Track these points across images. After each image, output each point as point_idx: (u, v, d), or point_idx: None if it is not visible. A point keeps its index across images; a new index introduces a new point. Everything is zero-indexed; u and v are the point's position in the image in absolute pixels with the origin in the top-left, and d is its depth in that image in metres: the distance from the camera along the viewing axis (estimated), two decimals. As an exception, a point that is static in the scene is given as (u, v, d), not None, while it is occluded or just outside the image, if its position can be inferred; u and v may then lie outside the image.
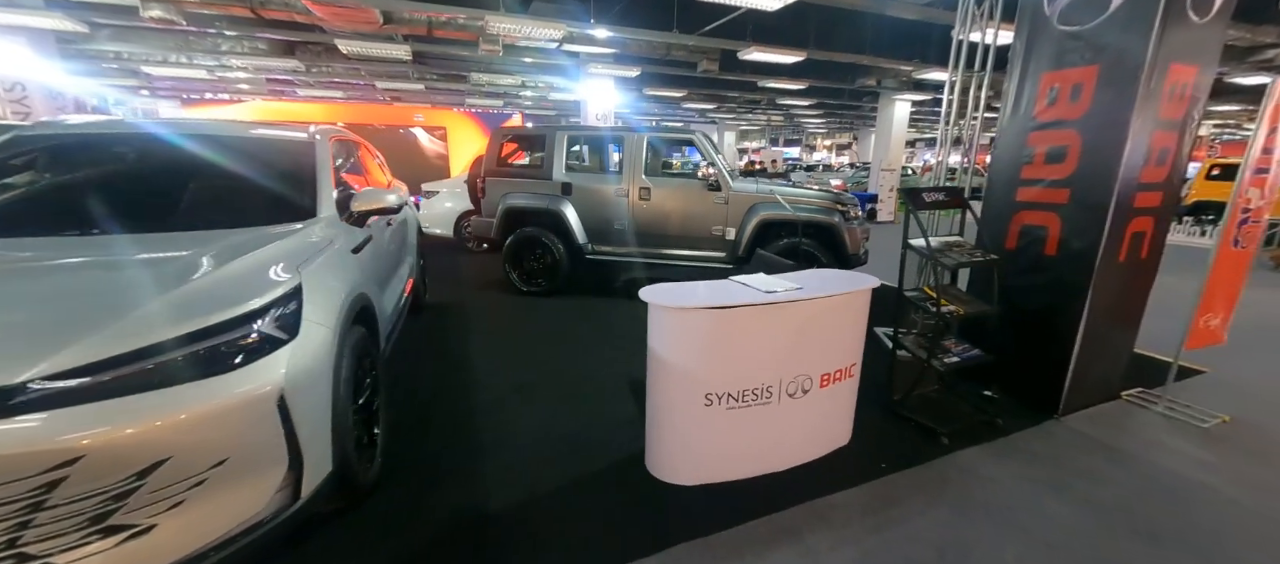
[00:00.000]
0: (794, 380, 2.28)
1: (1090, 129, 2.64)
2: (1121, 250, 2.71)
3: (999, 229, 3.06)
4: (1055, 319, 2.84)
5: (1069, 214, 2.75)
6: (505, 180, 5.38)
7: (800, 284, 2.33)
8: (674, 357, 2.14)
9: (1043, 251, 2.86)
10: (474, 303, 5.15)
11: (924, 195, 2.74)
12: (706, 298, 2.11)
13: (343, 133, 3.42)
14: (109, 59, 11.47)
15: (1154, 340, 3.46)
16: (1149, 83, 2.44)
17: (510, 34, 8.60)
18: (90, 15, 8.04)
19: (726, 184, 4.87)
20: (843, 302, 2.34)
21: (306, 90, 15.73)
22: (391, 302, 3.02)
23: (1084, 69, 2.63)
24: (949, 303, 2.72)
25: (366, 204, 2.57)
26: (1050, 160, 2.81)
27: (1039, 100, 2.85)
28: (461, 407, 2.95)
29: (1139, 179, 2.61)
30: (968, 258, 2.67)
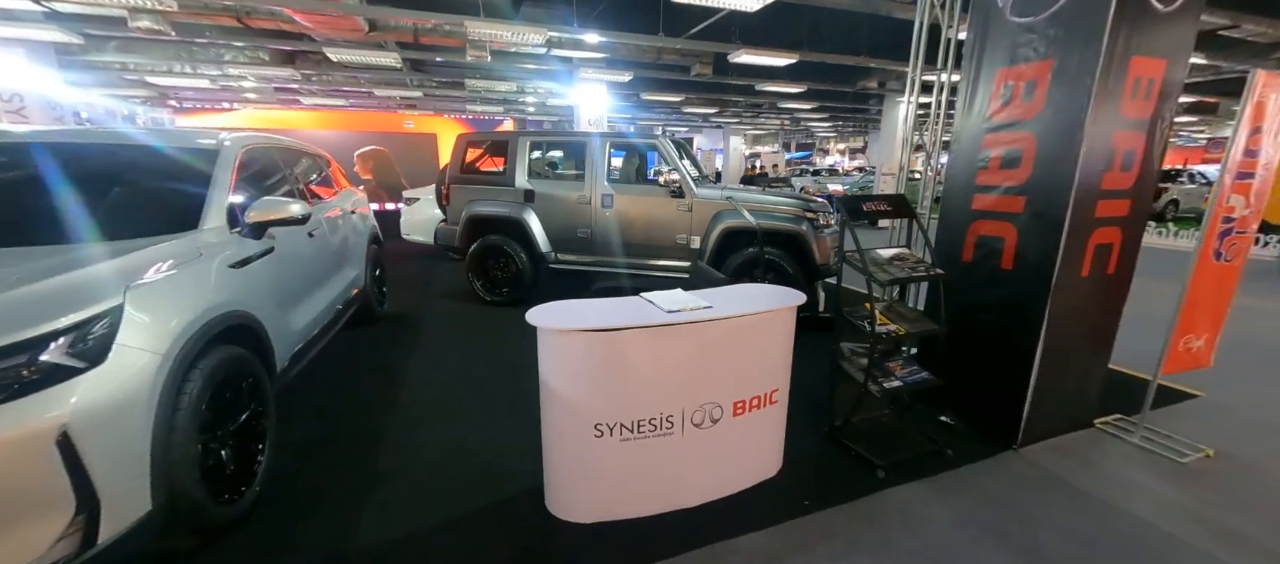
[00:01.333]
0: (699, 409, 2.07)
1: (1045, 130, 2.38)
2: (1084, 264, 2.44)
3: (955, 240, 2.81)
4: (1012, 339, 2.58)
5: (1025, 224, 2.50)
6: (469, 187, 5.27)
7: (711, 302, 2.13)
8: (560, 384, 1.95)
9: (999, 265, 2.61)
10: (434, 313, 5.03)
11: (863, 204, 2.51)
12: (592, 319, 1.93)
13: (274, 140, 3.32)
14: (114, 69, 11.73)
15: (1141, 357, 3.17)
16: (1106, 79, 2.18)
17: (497, 39, 8.55)
18: (84, 27, 8.19)
19: (690, 191, 4.67)
20: (757, 321, 2.12)
21: (310, 98, 15.96)
22: (307, 316, 2.89)
23: (1038, 64, 2.39)
24: (890, 321, 2.48)
25: (263, 214, 2.44)
26: (1006, 165, 2.56)
27: (993, 99, 2.60)
28: (374, 428, 2.81)
29: (1100, 185, 2.34)
30: (908, 272, 2.43)
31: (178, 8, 6.75)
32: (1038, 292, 2.43)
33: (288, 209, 2.53)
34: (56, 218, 2.07)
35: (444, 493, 2.27)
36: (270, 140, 3.23)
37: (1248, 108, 2.27)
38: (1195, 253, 2.45)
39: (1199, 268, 2.47)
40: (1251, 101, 2.26)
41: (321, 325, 3.13)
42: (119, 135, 2.70)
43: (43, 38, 8.17)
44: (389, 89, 14.32)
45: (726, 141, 23.65)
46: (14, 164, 2.31)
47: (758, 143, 32.72)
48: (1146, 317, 3.12)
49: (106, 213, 2.15)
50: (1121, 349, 2.82)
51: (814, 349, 3.05)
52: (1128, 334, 2.79)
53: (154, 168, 2.35)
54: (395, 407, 3.04)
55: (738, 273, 4.50)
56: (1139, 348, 3.09)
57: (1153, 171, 2.47)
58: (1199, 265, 2.47)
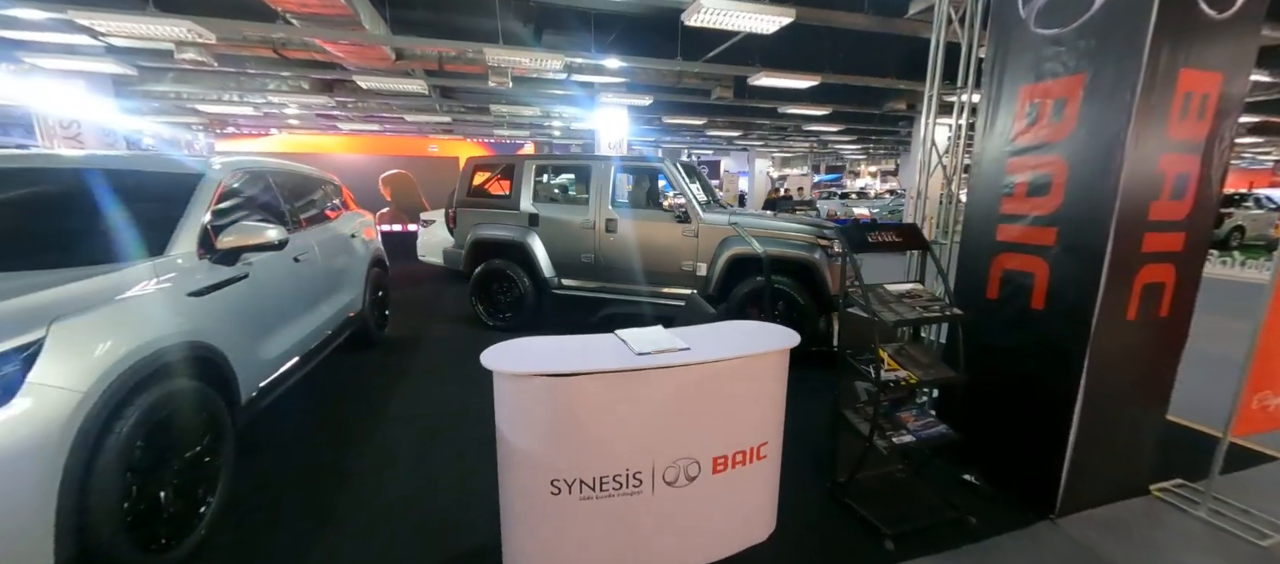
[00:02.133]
0: (672, 465, 1.84)
1: (1078, 154, 2.09)
2: (1130, 306, 2.11)
3: (978, 273, 2.51)
4: (1046, 389, 2.24)
5: (1057, 259, 2.19)
6: (475, 211, 5.23)
7: (691, 343, 1.91)
8: (514, 433, 1.76)
9: (1028, 304, 2.29)
10: (434, 337, 4.95)
11: (868, 235, 2.26)
12: (549, 362, 1.74)
13: (270, 165, 3.33)
14: (170, 98, 12.52)
15: (1207, 405, 2.74)
16: (1149, 95, 1.90)
17: (518, 66, 8.69)
18: (137, 60, 8.75)
19: (696, 215, 4.47)
20: (742, 367, 1.89)
21: (348, 124, 16.68)
22: (285, 343, 2.81)
23: (1067, 80, 2.11)
24: (900, 366, 2.20)
25: (236, 240, 2.38)
26: (1033, 192, 2.27)
27: (1017, 120, 2.33)
28: (342, 464, 2.67)
29: (1146, 216, 2.03)
30: (919, 313, 2.15)
31: (216, 41, 7.09)
32: (1075, 336, 2.10)
33: (263, 235, 2.47)
34: (12, 243, 2.04)
35: (399, 545, 2.09)
36: (266, 165, 3.23)
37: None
38: (1269, 293, 2.08)
39: (1275, 312, 2.10)
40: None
41: (305, 351, 3.05)
42: (94, 160, 2.71)
43: (101, 70, 8.77)
44: (420, 115, 14.81)
45: (752, 164, 23.42)
46: None
47: (787, 165, 32.38)
48: (1212, 358, 2.72)
49: (56, 241, 2.11)
50: (1183, 396, 2.43)
51: (827, 387, 2.77)
52: (1191, 377, 2.40)
53: (126, 194, 2.32)
54: (369, 441, 2.91)
55: (745, 303, 4.25)
56: (1204, 395, 2.68)
57: (1212, 200, 2.13)
58: (1275, 309, 2.09)
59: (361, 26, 6.86)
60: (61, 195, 2.36)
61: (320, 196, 3.85)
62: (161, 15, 6.18)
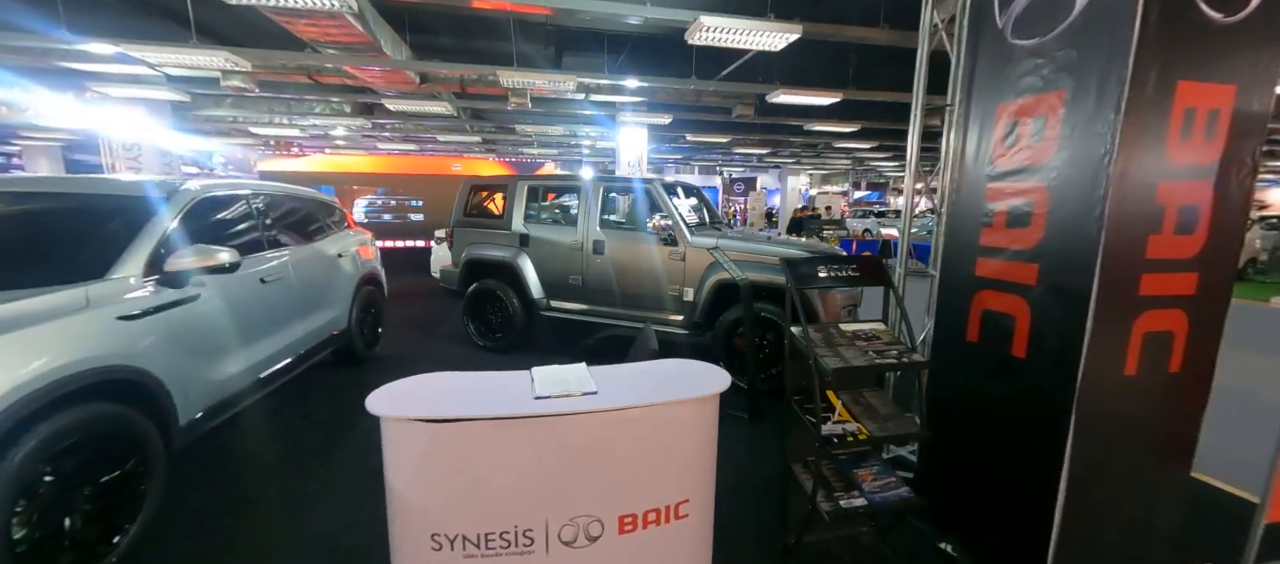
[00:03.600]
0: (571, 523, 1.67)
1: (1059, 181, 1.81)
2: (1128, 359, 1.78)
3: (957, 313, 2.22)
4: (1030, 451, 1.93)
5: (1039, 300, 1.89)
6: (470, 230, 5.26)
7: (603, 386, 1.75)
8: (397, 480, 1.64)
9: (1009, 351, 1.99)
10: (424, 356, 4.96)
11: (818, 268, 2.03)
12: (435, 405, 1.62)
13: (250, 186, 3.42)
14: (228, 121, 13.50)
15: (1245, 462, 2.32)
16: (1139, 112, 1.61)
17: (536, 87, 8.84)
18: (190, 87, 9.47)
19: (683, 238, 4.30)
20: (656, 414, 1.71)
21: (387, 144, 17.52)
22: (242, 363, 2.83)
23: (1046, 96, 1.84)
24: (852, 417, 1.94)
25: (183, 262, 2.42)
26: (1013, 223, 1.99)
27: (995, 142, 2.06)
28: (284, 495, 2.63)
29: (1143, 254, 1.72)
30: (871, 359, 1.90)
31: (252, 68, 7.56)
32: (1059, 391, 1.80)
33: (213, 257, 2.50)
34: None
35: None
36: (241, 187, 3.31)
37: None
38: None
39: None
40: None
41: (270, 370, 3.07)
42: (51, 183, 2.82)
43: (159, 97, 9.54)
44: (453, 135, 15.36)
45: (783, 182, 22.95)
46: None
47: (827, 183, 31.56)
48: (1254, 401, 2.29)
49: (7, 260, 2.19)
50: (1218, 448, 2.05)
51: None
52: (1228, 422, 2.02)
53: (78, 218, 2.40)
54: (319, 470, 2.87)
55: (731, 332, 4.02)
56: (1246, 446, 2.26)
57: (1232, 235, 1.79)
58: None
59: (382, 53, 7.16)
60: (30, 217, 2.47)
61: (305, 217, 3.94)
62: (202, 47, 6.65)
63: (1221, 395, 1.93)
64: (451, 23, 8.16)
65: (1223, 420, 1.94)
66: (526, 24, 7.88)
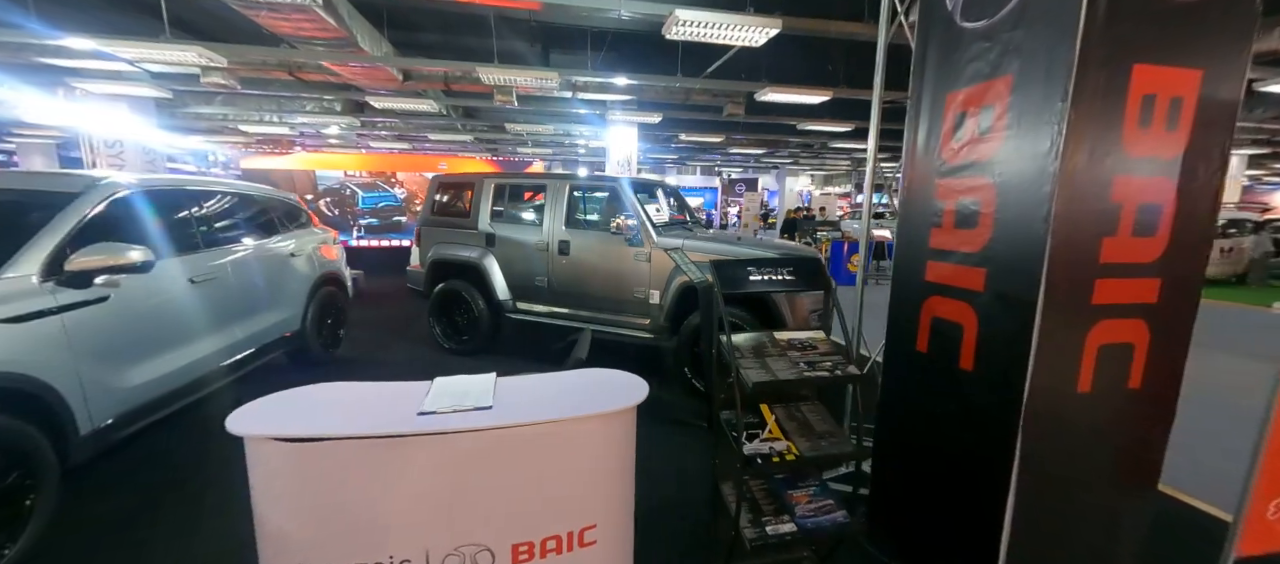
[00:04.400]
0: (455, 553, 1.51)
1: (1006, 176, 1.64)
2: (1082, 373, 1.61)
3: (908, 320, 2.04)
4: (976, 471, 1.76)
5: (986, 308, 1.72)
6: (437, 229, 5.11)
7: (505, 399, 1.60)
8: (263, 504, 1.49)
9: (957, 363, 1.82)
10: (387, 359, 4.82)
11: (748, 272, 1.87)
12: (296, 423, 1.46)
13: (187, 182, 3.29)
14: (217, 119, 13.43)
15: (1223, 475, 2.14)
16: (1089, 98, 1.44)
17: (523, 85, 8.70)
18: (172, 84, 9.38)
19: (648, 238, 4.14)
20: (557, 432, 1.55)
21: (380, 143, 17.43)
22: (163, 368, 2.68)
23: (993, 83, 1.67)
24: (783, 434, 1.78)
25: (88, 262, 2.28)
26: (961, 223, 1.82)
27: (944, 134, 1.89)
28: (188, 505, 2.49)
29: (1096, 258, 1.54)
30: (799, 373, 1.73)
31: (229, 64, 7.45)
32: (1004, 408, 1.62)
33: (122, 256, 2.36)
34: None
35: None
36: (173, 184, 3.17)
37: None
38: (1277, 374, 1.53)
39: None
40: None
41: (200, 374, 2.93)
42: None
43: (140, 94, 9.45)
44: (444, 135, 15.26)
45: (782, 183, 22.77)
46: None
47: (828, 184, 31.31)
48: (1236, 411, 2.11)
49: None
50: (1191, 460, 1.87)
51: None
52: (1204, 430, 1.84)
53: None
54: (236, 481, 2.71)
55: (696, 337, 3.86)
56: (1221, 459, 2.08)
57: (1199, 237, 1.61)
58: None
59: (360, 48, 7.02)
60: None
61: (253, 215, 3.80)
62: (176, 43, 6.53)
63: (1211, 406, 1.75)
64: (435, 19, 8.03)
65: (1194, 426, 1.76)
66: (511, 21, 7.74)
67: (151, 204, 2.90)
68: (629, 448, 1.69)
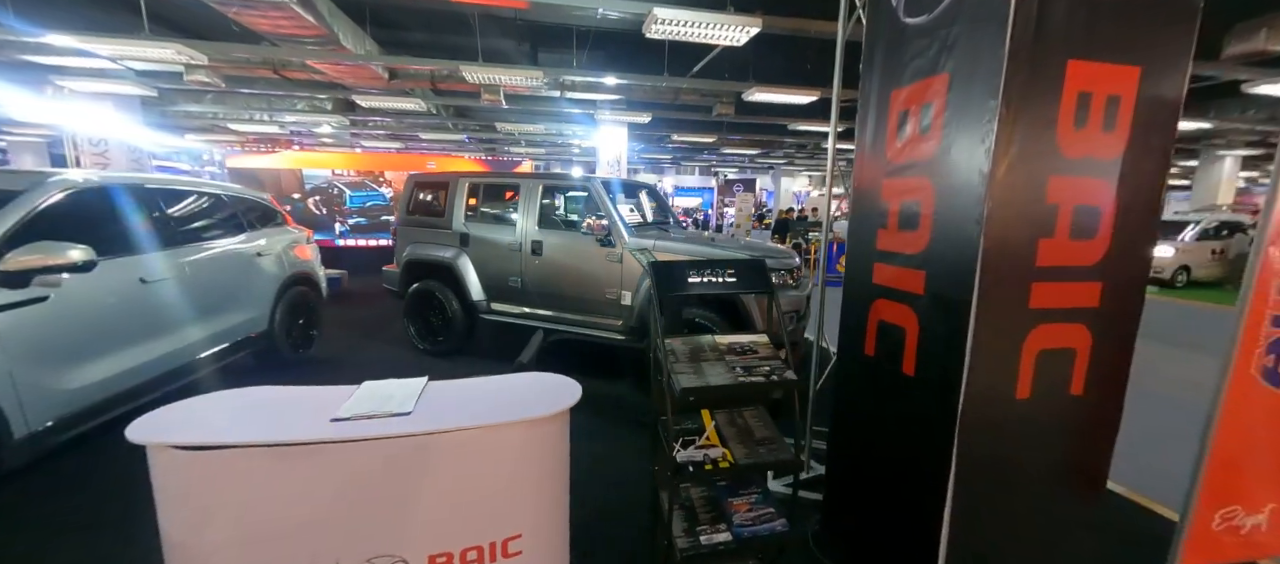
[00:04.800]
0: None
1: (943, 176, 1.59)
2: (1020, 380, 1.56)
3: (857, 323, 2.00)
4: (917, 480, 1.71)
5: (926, 311, 1.67)
6: (413, 229, 5.06)
7: (430, 404, 1.55)
8: (164, 514, 1.44)
9: (900, 367, 1.78)
10: (363, 360, 4.77)
11: (688, 273, 1.82)
12: (199, 430, 1.41)
13: (149, 183, 3.24)
14: (207, 118, 13.38)
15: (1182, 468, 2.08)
16: (1021, 96, 1.39)
17: (509, 84, 8.65)
18: (157, 82, 9.32)
19: (620, 238, 4.09)
20: (481, 438, 1.50)
21: (372, 142, 17.38)
22: (108, 370, 2.63)
23: (933, 80, 1.62)
24: (720, 440, 1.73)
25: (24, 261, 2.23)
26: (904, 224, 1.77)
27: (890, 133, 1.84)
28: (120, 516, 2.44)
29: (1033, 260, 1.50)
30: (735, 379, 1.68)
31: (209, 61, 7.39)
32: (943, 415, 1.58)
33: (62, 255, 2.31)
34: None
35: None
36: (127, 183, 3.11)
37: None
38: (1225, 371, 1.48)
39: (1235, 396, 1.49)
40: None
41: (148, 378, 2.88)
42: None
43: (124, 92, 9.39)
44: (436, 134, 15.21)
45: (777, 184, 22.75)
46: None
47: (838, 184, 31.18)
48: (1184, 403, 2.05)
49: None
50: (1146, 455, 1.81)
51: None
52: (1158, 421, 1.79)
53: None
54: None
55: None
56: (1174, 453, 2.03)
57: (1141, 239, 1.56)
58: (1235, 392, 1.49)
59: (342, 46, 6.97)
60: None
61: (216, 214, 3.75)
62: (154, 39, 6.48)
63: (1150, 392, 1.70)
64: (420, 18, 8.00)
65: (1149, 414, 1.71)
66: (498, 19, 7.70)
67: (104, 202, 2.85)
68: (560, 454, 1.65)
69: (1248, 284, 1.42)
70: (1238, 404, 1.49)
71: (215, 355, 3.43)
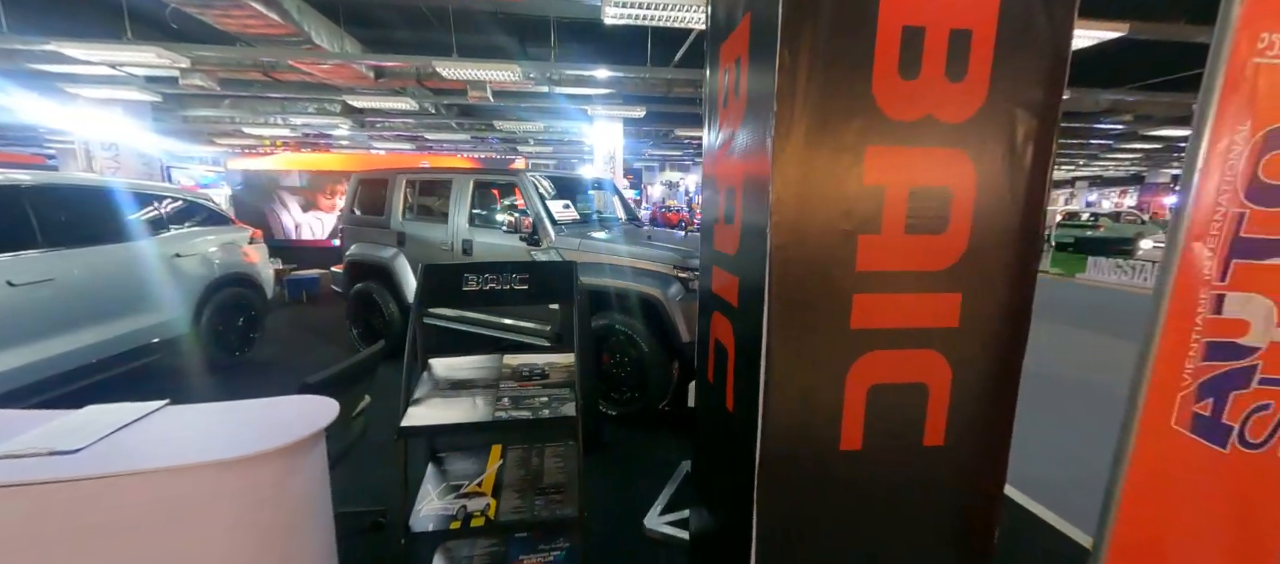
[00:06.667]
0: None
1: (746, 149, 1.20)
2: (846, 424, 1.15)
3: (702, 341, 1.62)
4: (730, 523, 1.32)
5: (740, 329, 1.28)
6: (357, 228, 4.90)
7: (135, 437, 1.29)
8: None
9: (724, 401, 1.39)
10: (297, 363, 4.63)
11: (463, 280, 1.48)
12: None
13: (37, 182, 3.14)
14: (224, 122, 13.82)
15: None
16: (810, 34, 0.99)
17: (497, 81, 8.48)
18: (161, 87, 9.60)
19: (547, 237, 3.77)
20: (156, 486, 1.21)
21: (383, 143, 17.68)
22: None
23: (741, 25, 1.23)
24: (494, 488, 1.39)
25: None
26: (727, 217, 1.38)
27: (718, 97, 1.45)
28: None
29: (853, 265, 1.09)
30: (496, 411, 1.33)
31: (189, 64, 7.49)
32: (745, 464, 1.19)
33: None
34: None
35: None
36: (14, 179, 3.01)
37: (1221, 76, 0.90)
38: (1130, 425, 1.04)
39: (1150, 458, 1.04)
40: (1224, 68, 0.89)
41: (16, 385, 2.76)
42: None
43: (129, 97, 9.70)
44: (439, 133, 15.29)
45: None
46: None
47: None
48: None
49: None
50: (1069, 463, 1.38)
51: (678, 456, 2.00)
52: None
53: None
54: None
55: (599, 349, 3.47)
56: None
57: (1022, 233, 1.12)
58: (1149, 452, 1.04)
59: (316, 44, 6.92)
60: None
61: (122, 214, 3.62)
62: (134, 43, 6.59)
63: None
64: (404, 14, 7.89)
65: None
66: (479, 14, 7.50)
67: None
68: (282, 499, 1.34)
69: (1160, 301, 0.97)
70: (1154, 472, 1.04)
71: (115, 359, 3.31)
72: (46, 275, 2.96)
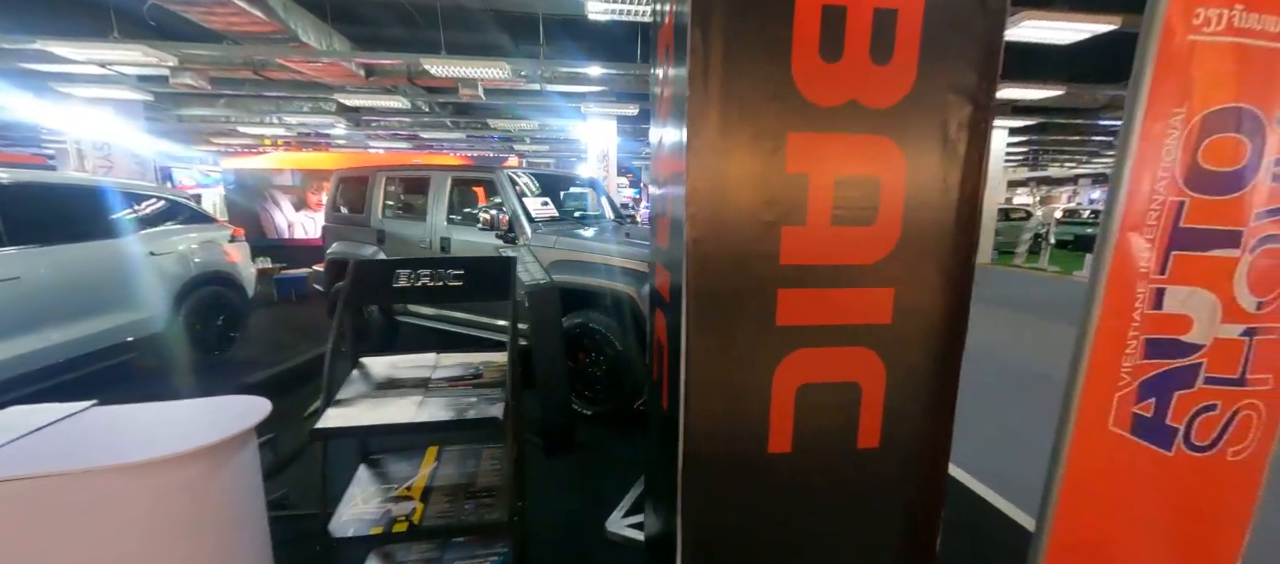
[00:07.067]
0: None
1: (664, 137, 1.15)
2: (774, 427, 1.10)
3: (651, 340, 1.57)
4: (666, 526, 1.27)
5: (671, 326, 1.23)
6: (338, 226, 4.86)
7: (55, 438, 1.25)
8: None
9: (661, 401, 1.34)
10: (279, 359, 4.58)
11: (392, 277, 1.43)
12: None
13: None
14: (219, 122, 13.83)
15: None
16: (725, 13, 0.94)
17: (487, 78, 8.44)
18: (152, 86, 9.59)
19: (523, 234, 3.72)
20: (80, 486, 1.17)
21: (380, 143, 17.66)
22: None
23: (668, 17, 1.18)
24: (423, 491, 1.34)
25: None
26: (663, 211, 1.33)
27: (656, 95, 1.39)
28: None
29: (777, 258, 1.03)
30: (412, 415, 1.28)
31: (178, 62, 7.47)
32: (668, 468, 1.14)
33: None
34: None
35: None
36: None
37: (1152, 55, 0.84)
38: (1065, 426, 0.98)
39: (1085, 462, 0.98)
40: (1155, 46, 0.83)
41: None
42: None
43: (120, 97, 9.70)
44: (435, 132, 15.27)
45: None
46: None
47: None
48: None
49: None
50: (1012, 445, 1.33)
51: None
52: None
53: None
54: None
55: (574, 347, 3.43)
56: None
57: (959, 224, 1.07)
58: (1084, 456, 0.98)
59: (302, 42, 6.89)
60: None
61: (89, 212, 3.57)
62: (121, 42, 6.58)
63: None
64: (392, 12, 7.86)
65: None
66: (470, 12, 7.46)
67: None
68: (215, 502, 1.30)
69: (1093, 295, 0.92)
70: (1092, 473, 0.98)
71: (76, 360, 3.28)
72: (12, 273, 2.93)
